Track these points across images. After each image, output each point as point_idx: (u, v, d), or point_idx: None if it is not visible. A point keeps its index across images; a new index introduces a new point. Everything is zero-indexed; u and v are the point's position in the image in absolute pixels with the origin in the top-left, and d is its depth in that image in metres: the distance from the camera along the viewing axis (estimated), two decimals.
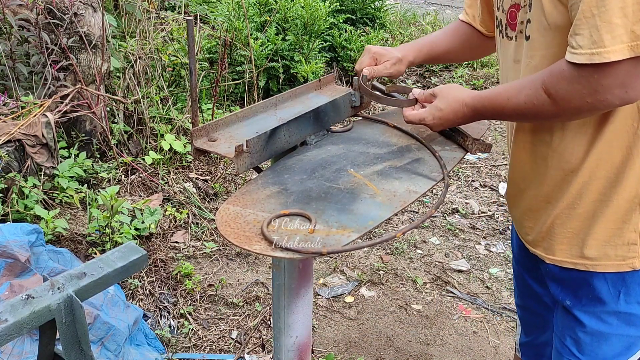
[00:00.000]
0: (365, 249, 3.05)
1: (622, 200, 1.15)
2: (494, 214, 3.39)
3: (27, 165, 2.66)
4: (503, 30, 1.30)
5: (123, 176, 3.15)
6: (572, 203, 1.21)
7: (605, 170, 1.15)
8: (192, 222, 2.99)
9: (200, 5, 4.91)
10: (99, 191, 2.81)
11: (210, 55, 4.14)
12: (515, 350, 1.70)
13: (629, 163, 1.13)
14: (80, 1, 3.06)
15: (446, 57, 1.65)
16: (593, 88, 1.00)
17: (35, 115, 2.69)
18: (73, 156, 2.97)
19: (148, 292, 2.48)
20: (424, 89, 1.41)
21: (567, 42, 1.04)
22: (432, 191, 3.54)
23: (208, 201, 3.21)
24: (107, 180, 3.06)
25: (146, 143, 3.39)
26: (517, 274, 1.58)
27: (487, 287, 2.78)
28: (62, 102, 2.90)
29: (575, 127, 1.15)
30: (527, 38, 1.18)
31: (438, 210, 3.40)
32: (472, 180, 3.81)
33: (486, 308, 2.63)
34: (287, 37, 4.38)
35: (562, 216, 1.23)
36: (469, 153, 1.46)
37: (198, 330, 2.36)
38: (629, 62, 0.96)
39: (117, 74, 3.62)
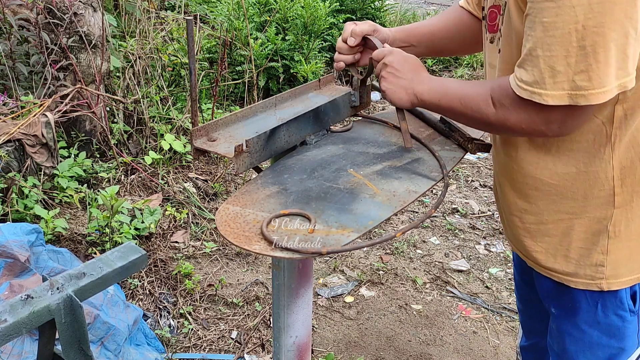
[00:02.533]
0: (365, 248, 3.05)
1: (588, 220, 1.14)
2: (493, 214, 3.39)
3: (26, 165, 2.66)
4: (484, 28, 1.27)
5: (123, 176, 3.15)
6: (540, 219, 1.20)
7: (569, 190, 1.13)
8: (192, 222, 2.99)
9: (200, 5, 4.91)
10: (98, 191, 2.81)
11: (210, 55, 4.14)
12: (517, 353, 1.70)
13: (595, 184, 1.11)
14: (80, 1, 3.06)
15: (447, 50, 1.58)
16: (530, 119, 1.03)
17: (35, 115, 2.69)
18: (73, 156, 2.97)
19: (148, 292, 2.48)
20: None
21: None
22: (431, 191, 3.54)
23: (208, 201, 3.21)
24: (106, 180, 3.06)
25: (146, 143, 3.39)
26: (517, 279, 1.58)
27: (486, 287, 2.78)
28: (61, 102, 2.90)
29: (536, 143, 1.14)
30: (499, 50, 1.17)
31: (438, 210, 3.40)
32: (472, 180, 3.81)
33: (486, 308, 2.63)
34: (287, 37, 4.38)
35: (532, 230, 1.22)
36: (468, 153, 1.46)
37: (198, 330, 2.36)
38: (566, 107, 0.98)
39: (117, 74, 3.62)
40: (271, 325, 2.38)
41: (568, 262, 1.19)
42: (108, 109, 3.34)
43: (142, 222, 2.75)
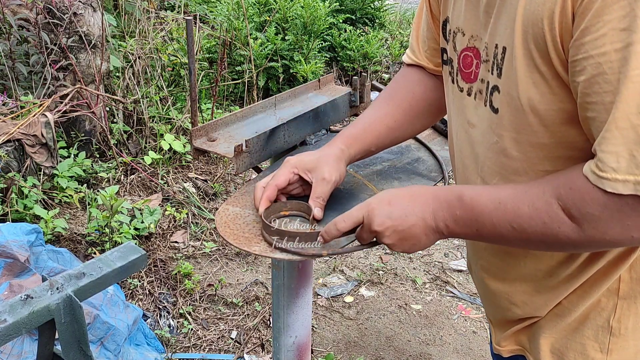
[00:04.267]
0: (364, 249, 3.05)
1: (589, 312, 0.92)
2: None
3: (26, 165, 2.66)
4: (454, 75, 0.97)
5: (122, 176, 3.15)
6: (516, 299, 0.99)
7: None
8: (192, 222, 2.99)
9: (200, 5, 4.91)
10: (98, 191, 2.81)
11: (210, 55, 4.14)
12: None
13: (611, 272, 0.87)
14: (79, 1, 3.06)
15: (418, 130, 1.22)
16: (627, 221, 0.71)
17: (34, 115, 2.69)
18: (72, 156, 2.96)
19: (147, 292, 2.48)
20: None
21: (557, 129, 0.78)
22: None
23: (207, 201, 3.21)
24: (106, 180, 3.06)
25: (146, 143, 3.39)
26: None
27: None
28: (61, 102, 2.90)
29: None
30: (495, 110, 0.85)
31: None
32: None
33: None
34: (286, 37, 4.38)
35: (504, 302, 1.01)
36: None
37: (197, 330, 2.36)
38: None
39: (117, 74, 3.62)
40: (271, 325, 2.38)
41: (553, 354, 0.96)
42: (108, 109, 3.34)
43: (142, 222, 2.75)
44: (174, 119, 3.50)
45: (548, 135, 0.80)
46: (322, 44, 4.56)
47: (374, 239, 0.95)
